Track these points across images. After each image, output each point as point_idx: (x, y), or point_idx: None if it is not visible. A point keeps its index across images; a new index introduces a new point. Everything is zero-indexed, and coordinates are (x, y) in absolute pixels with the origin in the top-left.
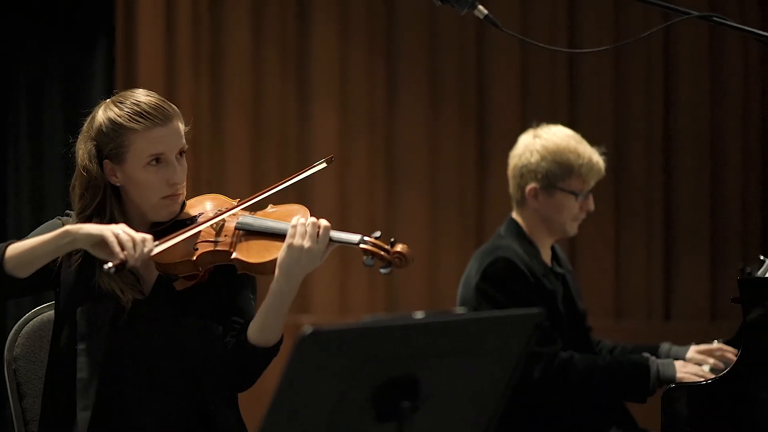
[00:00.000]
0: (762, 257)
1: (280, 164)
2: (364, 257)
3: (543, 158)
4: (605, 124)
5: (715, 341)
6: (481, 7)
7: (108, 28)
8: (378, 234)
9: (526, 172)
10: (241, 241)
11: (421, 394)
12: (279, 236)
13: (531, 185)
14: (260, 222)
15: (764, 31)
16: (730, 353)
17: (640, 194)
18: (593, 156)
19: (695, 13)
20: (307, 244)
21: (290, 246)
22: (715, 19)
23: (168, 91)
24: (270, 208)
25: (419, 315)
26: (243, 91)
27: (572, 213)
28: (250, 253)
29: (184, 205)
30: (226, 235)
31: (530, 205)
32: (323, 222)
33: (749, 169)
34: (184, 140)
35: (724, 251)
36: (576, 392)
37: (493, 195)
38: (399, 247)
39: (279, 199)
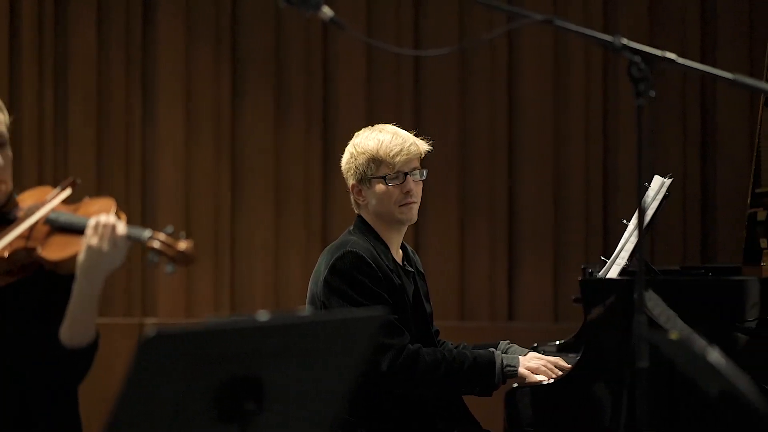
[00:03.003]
0: (603, 258)
1: (125, 164)
2: (150, 254)
3: (351, 155)
4: (450, 126)
5: (557, 341)
6: (326, 8)
7: None
8: (170, 229)
9: (347, 174)
10: (47, 238)
11: (264, 395)
12: (80, 232)
13: (351, 183)
14: (66, 217)
15: (607, 35)
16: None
17: (484, 196)
18: (394, 138)
19: (538, 16)
20: (104, 246)
21: (89, 248)
22: (557, 23)
23: (11, 91)
24: (85, 200)
25: (263, 316)
26: (87, 90)
27: (394, 198)
28: (52, 249)
29: (11, 197)
30: (38, 231)
31: (360, 202)
32: (119, 225)
33: (591, 171)
34: (5, 132)
35: (567, 253)
36: (423, 384)
37: (338, 196)
38: (182, 245)
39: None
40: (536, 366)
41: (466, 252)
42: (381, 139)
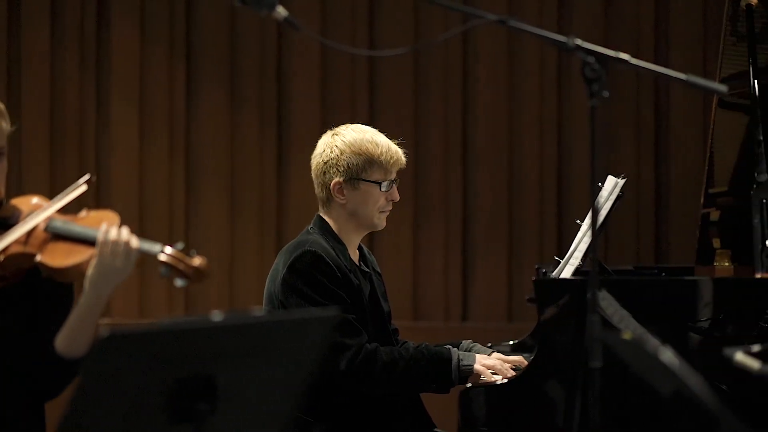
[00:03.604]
0: (557, 258)
1: (79, 165)
2: (161, 267)
3: (343, 152)
4: (405, 126)
5: (511, 341)
6: (280, 8)
7: None
8: (181, 245)
9: (329, 168)
10: (48, 244)
11: (218, 395)
12: (86, 242)
13: (335, 180)
14: (69, 226)
15: (561, 36)
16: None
17: (438, 196)
18: (391, 145)
19: (492, 16)
20: (116, 261)
21: (100, 261)
22: (511, 23)
23: None
24: (83, 213)
25: (217, 316)
26: (41, 91)
27: (378, 204)
28: (54, 256)
29: (2, 204)
30: (36, 238)
31: (337, 201)
32: (132, 239)
33: (546, 171)
34: (3, 141)
35: (521, 253)
36: (381, 382)
37: (293, 197)
38: (197, 261)
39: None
40: (492, 363)
41: (420, 252)
42: (380, 144)
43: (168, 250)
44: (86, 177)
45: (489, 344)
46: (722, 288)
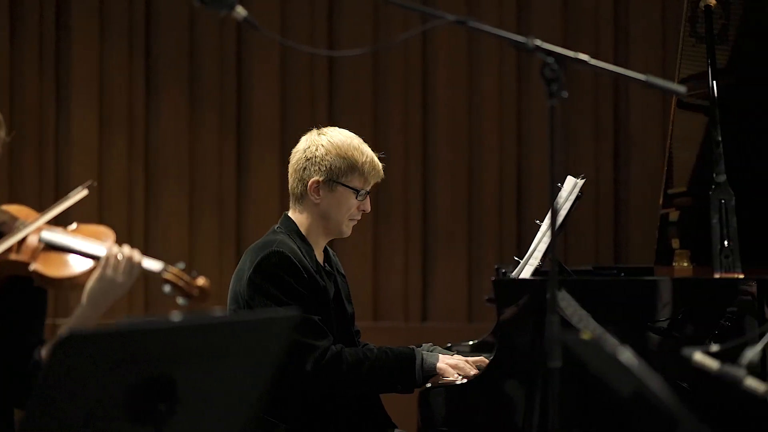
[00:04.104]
0: (516, 258)
1: (38, 165)
2: (165, 286)
3: (328, 152)
4: (364, 126)
5: (470, 342)
6: (240, 8)
7: None
8: (182, 265)
9: (311, 165)
10: (41, 254)
11: (178, 396)
12: (84, 255)
13: (314, 178)
14: (67, 239)
15: (520, 36)
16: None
17: (398, 197)
18: (375, 157)
19: (452, 17)
20: (119, 278)
21: (102, 277)
22: (470, 24)
23: None
24: (74, 225)
25: (176, 317)
26: (0, 91)
27: (350, 211)
28: (50, 266)
29: None
30: (28, 247)
31: (311, 199)
32: (136, 256)
33: (505, 172)
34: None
35: (481, 253)
36: (347, 383)
37: (252, 197)
38: (201, 282)
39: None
40: (455, 362)
41: (380, 252)
42: (365, 153)
43: (171, 269)
44: (88, 183)
45: (449, 344)
46: (681, 288)
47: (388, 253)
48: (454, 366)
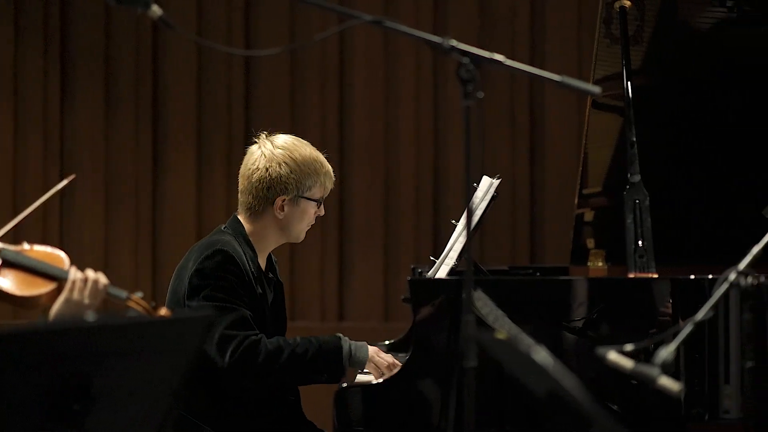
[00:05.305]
0: (432, 258)
1: None
2: (130, 312)
3: (293, 170)
4: (281, 125)
5: (387, 341)
6: (155, 7)
7: None
8: (140, 294)
9: (276, 185)
10: (1, 270)
11: (94, 395)
12: (44, 275)
13: (281, 197)
14: (25, 258)
15: (436, 36)
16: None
17: None
18: (326, 162)
19: (368, 17)
20: (86, 300)
21: (68, 300)
22: (387, 24)
23: None
24: (25, 245)
25: (90, 316)
26: None
27: (310, 219)
28: (14, 284)
29: None
30: None
31: (274, 214)
32: (102, 279)
33: (422, 172)
34: None
35: (397, 253)
36: (266, 373)
37: (168, 196)
38: (163, 312)
39: None
40: (384, 357)
41: (296, 252)
42: (324, 163)
43: (133, 296)
44: (71, 177)
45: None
46: (596, 288)
47: (304, 252)
48: (388, 368)
